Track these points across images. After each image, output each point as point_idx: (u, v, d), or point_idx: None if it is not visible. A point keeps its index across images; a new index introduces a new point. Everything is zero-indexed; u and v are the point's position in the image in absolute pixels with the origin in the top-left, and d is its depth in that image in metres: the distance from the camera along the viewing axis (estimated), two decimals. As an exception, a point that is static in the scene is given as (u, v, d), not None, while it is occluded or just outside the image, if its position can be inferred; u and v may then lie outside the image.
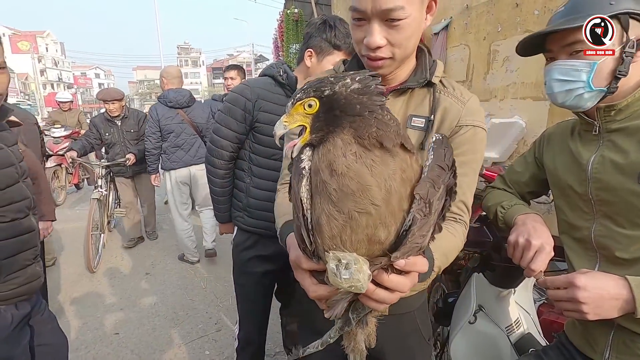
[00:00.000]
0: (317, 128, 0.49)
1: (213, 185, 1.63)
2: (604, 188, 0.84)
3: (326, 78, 0.50)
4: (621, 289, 0.77)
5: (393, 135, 0.48)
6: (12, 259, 1.13)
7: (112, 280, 3.29)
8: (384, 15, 0.72)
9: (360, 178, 0.47)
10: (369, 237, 0.48)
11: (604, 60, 0.78)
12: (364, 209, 0.47)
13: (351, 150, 0.47)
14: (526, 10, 2.21)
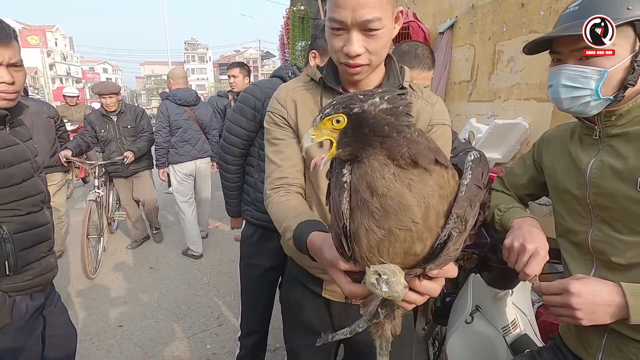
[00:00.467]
0: (344, 144, 0.51)
1: (225, 180, 1.74)
2: (602, 193, 0.84)
3: (356, 95, 0.51)
4: (615, 296, 0.77)
5: (426, 152, 0.49)
6: (28, 251, 1.16)
7: (117, 274, 3.34)
8: (363, 25, 0.76)
9: (401, 197, 0.48)
10: (405, 250, 0.51)
11: (615, 68, 0.76)
12: (405, 226, 0.49)
13: (389, 171, 0.49)
14: (532, 10, 2.19)
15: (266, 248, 1.61)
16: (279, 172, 0.93)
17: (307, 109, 0.93)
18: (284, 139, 0.94)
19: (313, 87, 0.95)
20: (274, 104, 0.97)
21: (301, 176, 0.96)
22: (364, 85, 0.91)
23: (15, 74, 1.11)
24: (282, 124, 0.95)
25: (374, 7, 0.75)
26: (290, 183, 0.93)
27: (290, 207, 0.85)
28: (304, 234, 0.74)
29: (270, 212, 0.91)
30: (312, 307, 1.03)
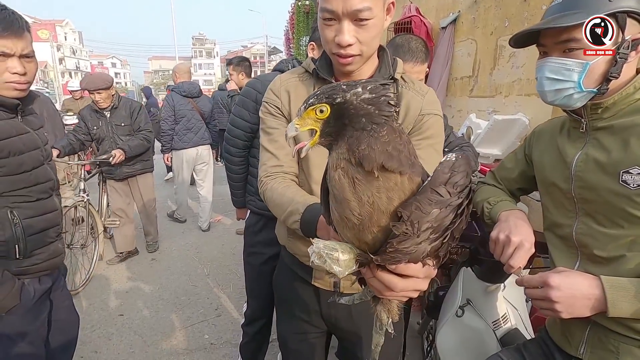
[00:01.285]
0: (327, 133, 0.52)
1: (230, 171, 1.82)
2: (585, 186, 0.84)
3: (339, 85, 0.52)
4: (594, 289, 0.78)
5: (376, 154, 0.49)
6: (37, 236, 1.21)
7: (119, 265, 3.40)
8: (354, 15, 0.78)
9: (342, 192, 0.51)
10: (356, 236, 0.54)
11: (596, 61, 0.76)
12: (347, 216, 0.53)
13: (340, 165, 0.51)
14: (534, 5, 2.17)
15: (269, 237, 1.65)
16: (274, 160, 0.95)
17: (300, 99, 0.94)
18: (277, 128, 0.96)
19: (307, 79, 0.98)
20: (268, 94, 0.99)
21: (295, 164, 0.98)
22: (357, 76, 0.92)
23: (27, 64, 1.14)
24: (277, 113, 0.97)
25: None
26: (285, 171, 0.95)
27: (294, 192, 0.88)
28: (315, 215, 0.77)
29: (269, 197, 0.92)
30: (302, 295, 1.06)
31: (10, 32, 1.07)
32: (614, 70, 0.76)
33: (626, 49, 0.75)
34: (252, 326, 1.81)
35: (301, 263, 1.02)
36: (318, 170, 0.94)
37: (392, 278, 0.55)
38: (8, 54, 1.08)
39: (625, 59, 0.76)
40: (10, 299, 1.14)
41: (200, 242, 3.92)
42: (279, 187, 0.91)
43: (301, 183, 0.99)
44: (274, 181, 0.93)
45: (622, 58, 0.75)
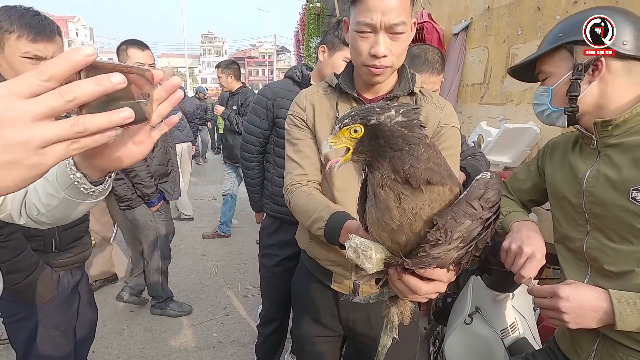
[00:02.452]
0: (360, 151, 0.57)
1: (247, 177, 1.88)
2: (596, 202, 0.87)
3: (373, 107, 0.56)
4: (602, 302, 0.80)
5: (421, 172, 0.54)
6: (70, 230, 1.29)
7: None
8: (390, 28, 0.85)
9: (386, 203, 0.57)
10: (390, 236, 0.59)
11: (556, 85, 0.88)
12: (387, 222, 0.58)
13: (386, 183, 0.56)
14: (547, 14, 2.17)
15: (282, 240, 1.70)
16: (299, 169, 1.01)
17: (324, 112, 1.01)
18: (302, 139, 1.02)
19: (330, 92, 1.03)
20: (294, 107, 1.05)
21: (319, 173, 1.03)
22: (378, 89, 0.99)
23: None
24: (302, 125, 1.03)
25: (401, 12, 0.84)
26: (310, 179, 1.00)
27: (319, 200, 0.93)
28: (339, 222, 0.83)
29: (295, 204, 0.97)
30: (321, 298, 1.09)
31: (43, 36, 1.12)
32: (571, 89, 0.86)
33: (580, 70, 0.84)
34: (267, 327, 1.84)
35: (321, 267, 1.05)
36: (340, 180, 0.99)
37: (417, 282, 0.60)
38: (41, 57, 1.13)
39: (580, 79, 0.84)
40: (49, 290, 1.22)
41: (208, 241, 3.97)
42: (303, 195, 0.96)
43: (324, 191, 1.03)
44: (299, 189, 0.99)
45: (576, 79, 0.85)
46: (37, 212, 0.62)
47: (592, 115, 0.88)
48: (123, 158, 0.51)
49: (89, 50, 0.33)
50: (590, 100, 0.86)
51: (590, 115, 0.88)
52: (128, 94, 0.40)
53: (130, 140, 0.50)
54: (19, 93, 0.32)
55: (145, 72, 0.42)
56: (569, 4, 2.03)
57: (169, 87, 0.48)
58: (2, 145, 0.31)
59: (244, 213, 4.63)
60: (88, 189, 0.55)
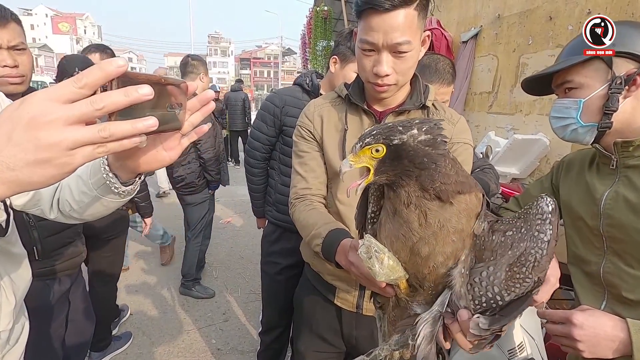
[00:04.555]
0: (381, 172, 0.55)
1: (250, 182, 1.87)
2: (615, 225, 0.83)
3: (395, 126, 0.54)
4: (618, 331, 0.76)
5: (452, 186, 0.53)
6: (54, 237, 1.23)
7: (130, 265, 3.43)
8: (393, 48, 0.82)
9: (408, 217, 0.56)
10: (410, 248, 0.57)
11: (589, 98, 0.81)
12: (404, 233, 0.57)
13: (412, 201, 0.55)
14: (560, 24, 2.14)
15: (284, 247, 1.70)
16: (303, 183, 0.99)
17: (332, 124, 0.99)
18: (309, 152, 1.01)
19: (339, 103, 1.01)
20: (302, 119, 1.04)
21: (323, 187, 1.01)
22: (389, 102, 0.96)
23: (19, 57, 1.10)
24: (309, 137, 1.01)
25: (404, 31, 0.80)
26: (313, 193, 0.99)
27: (318, 216, 0.92)
28: (336, 239, 0.81)
29: (297, 219, 0.97)
30: (323, 313, 1.07)
31: None
32: (609, 104, 0.80)
33: (619, 84, 0.78)
34: (269, 334, 1.83)
35: (324, 281, 1.03)
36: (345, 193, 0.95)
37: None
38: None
39: (619, 93, 0.79)
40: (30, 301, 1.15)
41: (210, 244, 3.93)
42: (305, 210, 0.95)
43: (328, 205, 1.01)
44: (301, 204, 0.97)
45: (614, 92, 0.79)
46: (69, 207, 0.67)
47: (614, 134, 0.83)
48: (153, 162, 0.54)
49: (121, 61, 0.36)
50: (622, 117, 0.81)
51: (615, 133, 0.83)
52: (162, 103, 0.42)
53: (162, 145, 0.53)
54: (58, 99, 0.35)
55: (180, 83, 0.45)
56: (582, 14, 1.99)
57: (203, 99, 0.51)
58: (37, 145, 0.35)
59: (247, 216, 4.60)
60: (118, 189, 0.58)
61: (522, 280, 0.53)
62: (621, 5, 1.77)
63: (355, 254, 0.69)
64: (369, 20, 0.81)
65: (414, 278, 0.60)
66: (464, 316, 0.54)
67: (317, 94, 1.60)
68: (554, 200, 0.55)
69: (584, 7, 1.97)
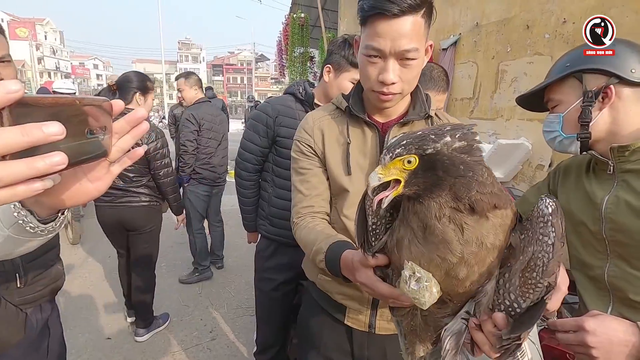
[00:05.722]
0: (413, 184, 0.51)
1: (241, 195, 1.80)
2: (618, 229, 0.84)
3: (427, 135, 0.50)
4: (630, 335, 0.76)
5: (487, 197, 0.50)
6: (37, 261, 1.14)
7: (105, 283, 3.23)
8: (401, 55, 0.80)
9: (445, 235, 0.51)
10: (446, 270, 0.53)
11: (567, 112, 0.89)
12: (443, 256, 0.52)
13: (445, 213, 0.51)
14: (537, 32, 2.22)
15: (280, 262, 1.64)
16: (305, 202, 0.95)
17: (334, 137, 0.95)
18: (310, 169, 0.96)
19: (338, 115, 0.98)
20: (301, 133, 0.99)
21: (326, 204, 0.97)
22: (390, 113, 0.94)
23: (3, 70, 1.04)
24: (309, 153, 0.97)
25: (412, 38, 0.78)
26: (316, 211, 0.94)
27: (319, 231, 0.87)
28: (338, 252, 0.77)
29: (299, 238, 0.92)
30: (332, 334, 1.02)
31: None
32: (583, 116, 0.86)
33: (590, 97, 0.84)
34: (265, 354, 1.76)
35: (333, 301, 0.99)
36: (350, 208, 0.93)
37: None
38: None
39: (591, 106, 0.85)
40: (15, 333, 1.07)
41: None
42: (306, 227, 0.91)
43: (333, 222, 0.97)
44: (303, 221, 0.93)
45: (587, 106, 0.85)
46: None
47: (605, 141, 0.87)
48: (76, 196, 0.46)
49: (13, 85, 0.27)
50: (603, 127, 0.86)
51: (604, 141, 0.87)
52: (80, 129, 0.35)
53: (85, 176, 0.45)
54: None
55: (102, 102, 0.37)
56: (557, 23, 2.08)
57: (132, 119, 0.44)
58: None
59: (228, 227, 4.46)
60: (35, 228, 0.49)
61: (534, 285, 0.51)
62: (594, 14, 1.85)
63: (366, 274, 0.66)
64: (375, 26, 0.79)
65: (445, 295, 0.57)
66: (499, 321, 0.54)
67: (311, 103, 1.57)
68: (554, 200, 0.53)
69: (560, 16, 2.05)
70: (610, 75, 0.83)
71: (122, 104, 0.42)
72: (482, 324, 0.55)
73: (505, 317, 0.53)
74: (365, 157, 0.93)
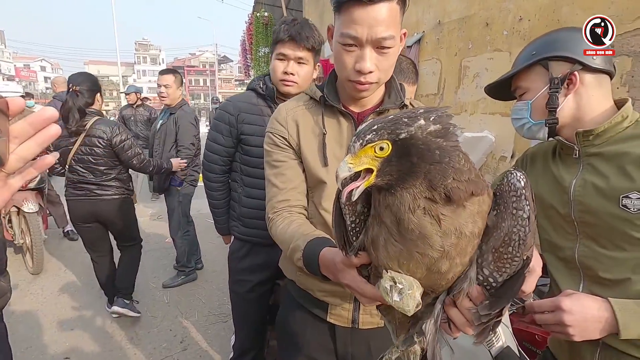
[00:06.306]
0: (386, 173, 0.47)
1: (211, 198, 1.74)
2: (586, 210, 0.87)
3: (400, 118, 0.47)
4: (603, 312, 0.80)
5: (464, 185, 0.47)
6: None
7: (62, 297, 2.99)
8: (377, 43, 0.78)
9: (422, 230, 0.48)
10: (428, 266, 0.50)
11: (535, 99, 0.92)
12: (423, 252, 0.49)
13: (419, 204, 0.47)
14: (496, 30, 2.31)
15: (254, 263, 1.60)
16: (280, 195, 0.91)
17: (309, 128, 0.92)
18: (285, 161, 0.92)
19: (313, 106, 0.95)
20: (273, 125, 0.95)
21: (303, 197, 0.94)
22: (366, 102, 0.92)
23: None
24: (283, 144, 0.93)
25: (389, 25, 0.76)
26: (292, 205, 0.90)
27: (296, 227, 0.84)
28: (316, 250, 0.73)
29: (274, 234, 0.88)
30: (314, 333, 0.99)
31: None
32: (550, 102, 0.89)
33: (556, 84, 0.87)
34: (243, 358, 1.70)
35: (314, 298, 0.95)
36: (328, 201, 0.90)
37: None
38: None
39: (558, 92, 0.88)
40: None
41: (155, 266, 3.60)
42: (282, 224, 0.87)
43: (311, 216, 0.94)
44: (279, 217, 0.89)
45: (554, 92, 0.88)
46: None
47: (570, 127, 0.91)
48: None
49: None
50: (568, 113, 0.90)
51: (569, 127, 0.91)
52: None
53: None
54: None
55: None
56: (514, 21, 2.18)
57: (36, 121, 0.36)
58: None
59: (195, 232, 4.30)
60: None
61: (510, 260, 0.51)
62: (548, 12, 1.96)
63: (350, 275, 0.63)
64: (351, 13, 0.76)
65: (427, 289, 0.55)
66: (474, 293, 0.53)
67: (273, 97, 1.53)
68: (523, 173, 0.53)
69: (516, 14, 2.15)
70: (574, 62, 0.86)
71: (21, 102, 0.35)
72: (456, 300, 0.54)
73: (480, 289, 0.53)
74: (342, 147, 0.91)
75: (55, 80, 4.87)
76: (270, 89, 1.52)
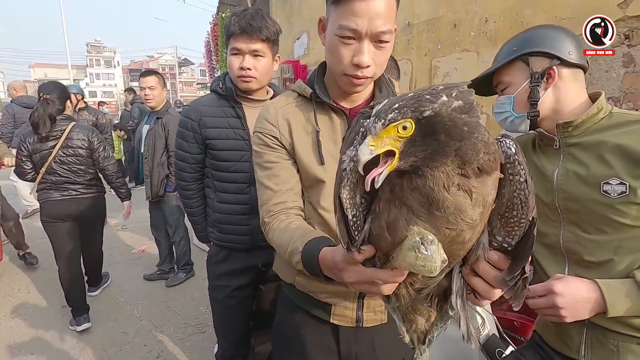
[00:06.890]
0: (410, 154, 0.45)
1: (186, 207, 1.69)
2: (569, 198, 0.92)
3: (422, 95, 0.45)
4: (592, 293, 0.85)
5: (493, 157, 0.47)
6: None
7: (19, 318, 2.72)
8: (376, 36, 0.77)
9: (458, 205, 0.47)
10: (452, 238, 0.50)
11: (517, 93, 0.96)
12: (453, 226, 0.49)
13: (453, 182, 0.46)
14: (463, 31, 2.41)
15: (233, 268, 1.54)
16: (276, 198, 0.87)
17: (301, 126, 0.89)
18: (277, 162, 0.88)
19: (303, 103, 0.92)
20: (262, 124, 0.90)
21: (299, 198, 0.90)
22: (356, 97, 0.91)
23: None
24: (275, 144, 0.89)
25: (387, 19, 0.76)
26: (289, 207, 0.87)
27: (293, 230, 0.80)
28: (315, 251, 0.70)
29: (271, 239, 0.84)
30: (316, 335, 0.96)
31: None
32: (532, 96, 0.93)
33: (537, 78, 0.92)
34: None
35: (316, 300, 0.92)
36: (327, 199, 0.88)
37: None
38: None
39: (538, 86, 0.92)
40: None
41: (124, 278, 3.38)
42: (279, 227, 0.83)
43: (309, 216, 0.91)
44: (275, 220, 0.85)
45: (534, 86, 0.93)
46: None
47: (550, 119, 0.95)
48: None
49: None
50: (548, 105, 0.94)
51: (549, 119, 0.95)
52: None
53: None
54: None
55: None
56: (481, 22, 2.28)
57: None
58: None
59: (165, 240, 4.10)
60: None
61: (517, 223, 0.51)
62: (512, 14, 2.08)
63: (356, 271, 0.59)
64: (351, 5, 0.75)
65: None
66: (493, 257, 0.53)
67: (232, 96, 1.46)
68: (512, 139, 0.54)
69: (482, 16, 2.25)
70: (552, 57, 0.91)
71: None
72: (475, 268, 0.54)
73: (498, 254, 0.53)
74: (336, 144, 0.89)
75: (13, 84, 4.82)
76: (229, 88, 1.45)
